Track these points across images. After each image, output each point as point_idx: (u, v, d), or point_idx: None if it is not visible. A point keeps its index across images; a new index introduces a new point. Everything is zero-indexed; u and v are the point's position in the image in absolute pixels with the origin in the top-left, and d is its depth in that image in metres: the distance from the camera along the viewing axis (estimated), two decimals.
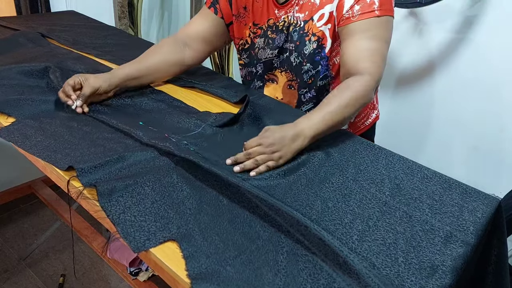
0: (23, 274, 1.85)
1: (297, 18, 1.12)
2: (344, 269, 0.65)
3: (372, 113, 1.34)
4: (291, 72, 1.19)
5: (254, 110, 1.14)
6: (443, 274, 0.68)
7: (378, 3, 1.00)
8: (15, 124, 0.97)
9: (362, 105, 1.00)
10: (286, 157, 0.91)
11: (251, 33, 1.21)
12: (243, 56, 1.29)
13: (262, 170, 0.87)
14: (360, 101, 0.99)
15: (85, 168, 0.81)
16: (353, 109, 0.98)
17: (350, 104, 0.97)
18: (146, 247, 0.68)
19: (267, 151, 0.89)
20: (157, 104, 1.14)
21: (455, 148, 1.97)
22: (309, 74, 1.16)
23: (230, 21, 1.23)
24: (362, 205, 0.83)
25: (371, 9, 1.00)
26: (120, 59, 1.44)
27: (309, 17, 1.10)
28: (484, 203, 0.87)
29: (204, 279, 0.62)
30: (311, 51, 1.12)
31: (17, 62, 1.27)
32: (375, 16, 1.01)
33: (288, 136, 0.91)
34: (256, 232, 0.73)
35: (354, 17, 1.01)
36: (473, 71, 1.81)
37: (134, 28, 2.58)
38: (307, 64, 1.14)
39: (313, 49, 1.12)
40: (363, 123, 1.31)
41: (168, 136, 0.96)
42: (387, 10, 1.02)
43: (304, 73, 1.16)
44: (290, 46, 1.16)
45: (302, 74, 1.17)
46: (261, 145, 0.89)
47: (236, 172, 0.87)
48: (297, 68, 1.17)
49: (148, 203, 0.77)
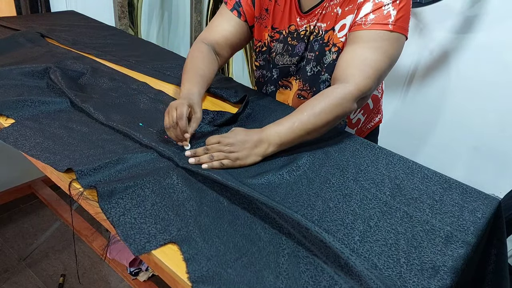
0: (23, 274, 1.85)
1: (318, 28, 1.09)
2: (345, 271, 0.65)
3: (376, 117, 1.32)
4: (304, 82, 1.16)
5: (253, 110, 1.14)
6: (445, 275, 0.68)
7: (394, 18, 0.96)
8: (14, 125, 0.97)
9: (339, 114, 0.96)
10: (245, 160, 0.90)
11: (269, 37, 1.18)
12: (259, 58, 1.26)
13: (215, 165, 0.88)
14: (337, 109, 0.95)
15: (85, 171, 0.81)
16: (328, 117, 0.94)
17: (324, 112, 0.94)
18: (147, 249, 0.68)
19: (224, 150, 0.89)
20: (156, 104, 1.14)
21: (455, 148, 1.97)
22: (327, 84, 1.12)
23: (252, 23, 1.20)
24: (363, 206, 0.83)
25: (386, 21, 0.96)
26: (120, 59, 1.44)
27: (330, 27, 1.06)
28: (484, 203, 0.87)
29: (205, 282, 0.62)
30: (331, 61, 1.09)
31: (17, 63, 1.27)
32: (387, 30, 0.96)
33: (251, 140, 0.91)
34: (257, 234, 0.73)
35: (366, 25, 0.98)
36: (473, 71, 1.81)
37: (134, 28, 2.57)
38: (325, 74, 1.11)
39: (332, 59, 1.08)
40: (365, 125, 1.31)
41: (168, 137, 0.96)
42: (401, 28, 0.98)
43: (322, 83, 1.13)
44: (309, 55, 1.13)
45: (320, 83, 1.14)
46: (220, 143, 0.90)
47: (191, 163, 0.88)
48: (314, 78, 1.14)
49: (148, 205, 0.77)
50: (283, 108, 1.20)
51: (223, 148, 0.89)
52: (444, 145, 2.01)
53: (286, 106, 1.24)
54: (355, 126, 1.28)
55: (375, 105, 1.29)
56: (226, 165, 0.89)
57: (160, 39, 2.92)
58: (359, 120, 1.27)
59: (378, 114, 1.33)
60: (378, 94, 1.29)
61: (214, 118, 1.09)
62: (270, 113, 1.15)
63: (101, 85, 1.22)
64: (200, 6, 2.62)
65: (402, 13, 0.97)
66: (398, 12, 0.96)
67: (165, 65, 1.43)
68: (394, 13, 0.96)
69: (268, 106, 1.19)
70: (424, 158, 2.07)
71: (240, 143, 0.90)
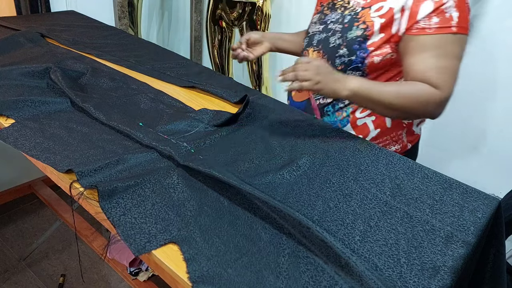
0: (23, 274, 1.85)
1: (356, 4, 1.10)
2: (346, 271, 0.65)
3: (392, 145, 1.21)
4: (324, 53, 1.15)
5: (253, 110, 1.14)
6: (445, 275, 0.68)
7: (456, 19, 0.95)
8: (14, 125, 0.97)
9: (420, 110, 0.98)
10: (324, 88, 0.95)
11: (315, 10, 1.26)
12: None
13: (294, 86, 0.94)
14: (420, 105, 0.97)
15: (85, 171, 0.80)
16: (408, 104, 0.96)
17: (407, 97, 0.96)
18: (147, 249, 0.68)
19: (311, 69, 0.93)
20: (155, 104, 1.14)
21: (455, 148, 1.97)
22: (342, 60, 1.10)
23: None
24: (363, 205, 0.83)
25: (449, 24, 0.95)
26: (120, 59, 1.44)
27: (369, 5, 1.07)
28: (484, 203, 0.87)
29: (205, 282, 0.62)
30: (354, 37, 1.07)
31: (17, 63, 1.27)
32: (451, 33, 0.96)
33: (335, 74, 0.97)
34: (257, 234, 0.73)
35: (431, 29, 0.96)
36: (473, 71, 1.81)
37: (134, 28, 2.57)
38: (344, 49, 1.09)
39: (356, 35, 1.07)
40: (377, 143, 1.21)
41: (168, 137, 0.96)
42: (464, 29, 0.97)
43: (338, 57, 1.11)
44: (337, 27, 1.12)
45: (336, 57, 1.11)
46: (309, 63, 0.94)
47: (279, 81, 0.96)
48: (332, 50, 1.12)
49: (149, 205, 0.77)
50: (283, 108, 1.21)
51: (310, 67, 0.93)
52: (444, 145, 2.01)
53: (285, 105, 1.24)
54: (361, 133, 1.16)
55: (394, 128, 1.16)
56: (305, 87, 0.94)
57: (160, 39, 2.92)
58: (366, 127, 1.16)
59: (395, 143, 1.20)
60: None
61: (214, 118, 1.09)
62: (270, 113, 1.15)
63: (101, 85, 1.22)
64: (200, 6, 2.62)
65: (462, 11, 0.97)
66: (459, 13, 0.96)
67: (165, 65, 1.43)
68: (456, 14, 0.96)
69: (268, 106, 1.19)
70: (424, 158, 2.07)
71: (327, 71, 0.95)
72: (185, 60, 1.50)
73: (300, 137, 1.05)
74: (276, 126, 1.10)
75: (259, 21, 2.20)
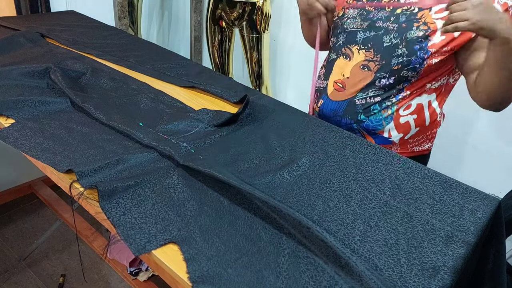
0: (23, 274, 1.85)
1: (410, 4, 1.09)
2: (346, 271, 0.65)
3: (425, 143, 1.23)
4: (376, 53, 1.12)
5: (253, 110, 1.14)
6: (445, 275, 0.68)
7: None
8: (14, 125, 0.97)
9: None
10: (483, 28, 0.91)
11: (346, 3, 1.21)
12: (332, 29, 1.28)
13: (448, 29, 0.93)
14: None
15: (85, 171, 0.81)
16: None
17: None
18: (147, 249, 0.68)
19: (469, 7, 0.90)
20: (155, 104, 1.14)
21: (455, 148, 1.97)
22: (399, 60, 1.09)
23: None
24: (363, 205, 0.83)
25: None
26: (120, 59, 1.44)
27: (428, 7, 1.07)
28: (484, 203, 0.86)
29: (205, 282, 0.62)
30: (414, 37, 1.06)
31: (17, 62, 1.27)
32: None
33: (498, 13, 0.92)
34: (257, 234, 0.73)
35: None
36: None
37: (134, 28, 2.57)
38: (403, 49, 1.08)
39: (417, 36, 1.06)
40: (412, 142, 1.21)
41: (168, 137, 0.96)
42: None
43: (395, 57, 1.09)
44: (390, 26, 1.10)
45: (392, 57, 1.10)
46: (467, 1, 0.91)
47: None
48: (388, 50, 1.10)
49: (149, 205, 0.77)
50: (283, 108, 1.21)
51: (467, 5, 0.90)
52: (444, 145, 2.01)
53: (285, 106, 1.24)
54: (402, 131, 1.16)
55: (430, 126, 1.19)
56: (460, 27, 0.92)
57: (160, 39, 2.92)
58: (408, 125, 1.16)
59: (429, 142, 1.22)
60: (439, 116, 1.20)
61: (214, 118, 1.09)
62: (270, 113, 1.15)
63: (101, 85, 1.22)
64: (200, 6, 2.62)
65: None
66: None
67: (165, 65, 1.43)
68: None
69: (268, 106, 1.19)
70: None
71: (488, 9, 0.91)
72: (185, 60, 1.50)
73: (300, 137, 1.05)
74: (276, 126, 1.10)
75: (259, 21, 2.20)
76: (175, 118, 1.07)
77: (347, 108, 1.16)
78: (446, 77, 1.13)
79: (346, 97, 1.17)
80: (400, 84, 1.11)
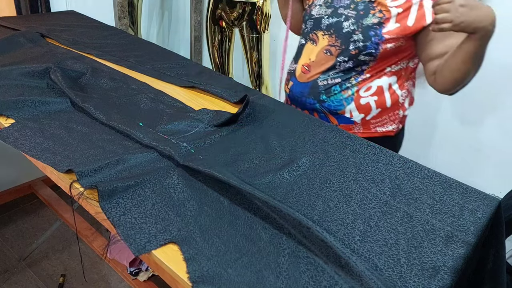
0: (23, 274, 1.85)
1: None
2: (346, 271, 0.65)
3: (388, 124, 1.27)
4: (337, 38, 1.19)
5: (253, 110, 1.14)
6: (445, 275, 0.68)
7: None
8: (14, 125, 0.97)
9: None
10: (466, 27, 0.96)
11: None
12: (303, 16, 1.34)
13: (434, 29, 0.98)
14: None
15: (85, 171, 0.81)
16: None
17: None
18: (147, 249, 0.68)
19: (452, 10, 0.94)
20: (155, 104, 1.14)
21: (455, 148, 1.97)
22: (356, 45, 1.15)
23: None
24: (363, 205, 0.83)
25: None
26: (120, 59, 1.44)
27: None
28: (484, 203, 0.86)
29: (205, 282, 0.62)
30: (370, 24, 1.13)
31: (17, 62, 1.27)
32: None
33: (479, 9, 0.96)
34: (257, 234, 0.73)
35: None
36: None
37: (134, 28, 2.57)
38: (359, 34, 1.14)
39: (372, 23, 1.13)
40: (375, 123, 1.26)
41: (168, 137, 0.96)
42: None
43: (352, 42, 1.16)
44: (350, 13, 1.17)
45: (350, 42, 1.16)
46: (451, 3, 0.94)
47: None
48: (346, 35, 1.16)
49: (149, 205, 0.77)
50: (283, 108, 1.21)
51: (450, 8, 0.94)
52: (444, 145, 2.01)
53: (285, 106, 1.24)
54: (363, 112, 1.22)
55: (392, 108, 1.24)
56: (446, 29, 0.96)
57: (160, 39, 2.92)
58: (369, 106, 1.21)
59: (392, 123, 1.26)
60: (401, 98, 1.24)
61: (214, 118, 1.09)
62: (270, 113, 1.15)
63: (101, 85, 1.22)
64: (200, 6, 2.62)
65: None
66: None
67: (165, 65, 1.43)
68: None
69: (268, 106, 1.19)
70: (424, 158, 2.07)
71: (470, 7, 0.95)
72: (185, 60, 1.50)
73: (300, 137, 1.05)
74: (276, 126, 1.10)
75: (259, 21, 2.20)
76: (175, 118, 1.07)
77: (311, 89, 1.25)
78: (406, 61, 1.21)
79: (310, 79, 1.25)
80: (359, 67, 1.19)
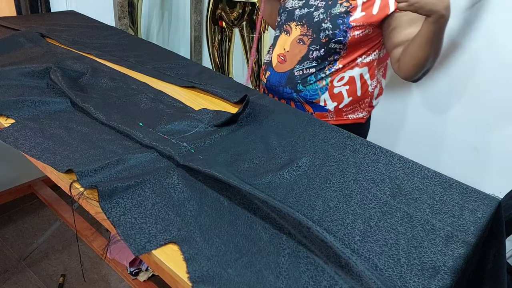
0: (23, 274, 1.85)
1: None
2: (346, 271, 0.65)
3: (359, 111, 1.34)
4: (308, 27, 1.25)
5: (253, 110, 1.14)
6: (445, 275, 0.68)
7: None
8: (14, 125, 0.97)
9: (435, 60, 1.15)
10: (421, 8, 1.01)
11: None
12: (278, 10, 1.40)
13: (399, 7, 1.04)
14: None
15: (85, 171, 0.81)
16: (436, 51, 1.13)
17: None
18: (147, 249, 0.68)
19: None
20: (155, 104, 1.14)
21: (455, 148, 1.97)
22: (326, 33, 1.22)
23: None
24: (363, 205, 0.83)
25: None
26: (120, 59, 1.44)
27: None
28: (484, 203, 0.87)
29: (205, 282, 0.62)
30: (337, 13, 1.20)
31: (17, 63, 1.27)
32: None
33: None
34: (257, 234, 0.73)
35: None
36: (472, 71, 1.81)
37: (134, 28, 2.57)
38: (328, 23, 1.21)
39: (340, 12, 1.20)
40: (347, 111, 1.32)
41: (168, 137, 0.96)
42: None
43: (322, 31, 1.22)
44: (319, 4, 1.24)
45: (320, 31, 1.23)
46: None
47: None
48: (317, 24, 1.23)
49: (149, 205, 0.77)
50: (283, 108, 1.21)
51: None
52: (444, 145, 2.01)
53: (285, 106, 1.24)
54: (337, 100, 1.29)
55: (362, 96, 1.30)
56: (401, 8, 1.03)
57: (160, 39, 2.92)
58: (341, 95, 1.28)
59: (362, 110, 1.34)
60: (370, 88, 1.31)
61: (214, 118, 1.09)
62: (270, 113, 1.15)
63: (101, 85, 1.22)
64: (200, 6, 2.62)
65: None
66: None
67: (165, 65, 1.43)
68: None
69: (268, 106, 1.19)
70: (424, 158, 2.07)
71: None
72: (185, 60, 1.50)
73: (300, 137, 1.05)
74: (276, 126, 1.10)
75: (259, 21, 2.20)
76: (175, 118, 1.07)
77: (288, 79, 1.30)
78: (377, 51, 1.27)
79: (287, 69, 1.31)
80: (330, 56, 1.25)
